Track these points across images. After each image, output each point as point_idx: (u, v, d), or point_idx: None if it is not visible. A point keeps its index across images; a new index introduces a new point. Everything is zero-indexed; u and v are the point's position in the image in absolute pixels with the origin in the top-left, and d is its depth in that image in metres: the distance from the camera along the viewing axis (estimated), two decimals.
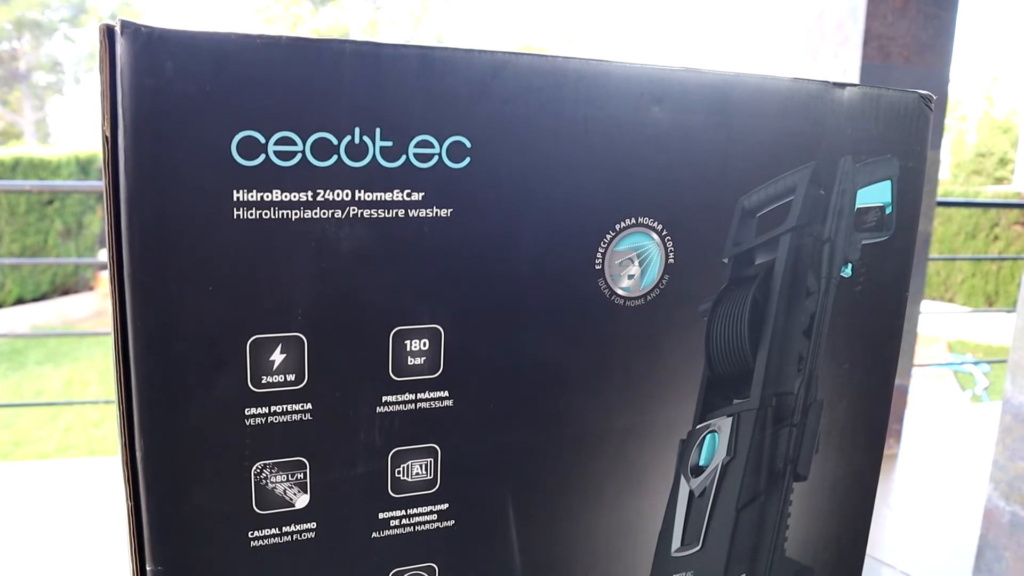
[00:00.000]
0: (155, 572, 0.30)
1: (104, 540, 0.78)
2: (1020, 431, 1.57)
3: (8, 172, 5.72)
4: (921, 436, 2.56)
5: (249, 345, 0.29)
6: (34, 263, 5.99)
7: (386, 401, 0.32)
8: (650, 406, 0.37)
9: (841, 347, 0.41)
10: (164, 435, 0.29)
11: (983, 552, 1.65)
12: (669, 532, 0.39)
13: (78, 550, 0.76)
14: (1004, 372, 1.59)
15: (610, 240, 0.34)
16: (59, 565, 0.72)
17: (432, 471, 0.33)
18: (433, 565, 0.34)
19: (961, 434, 2.64)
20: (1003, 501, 1.61)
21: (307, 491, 0.31)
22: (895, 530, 1.77)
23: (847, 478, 0.44)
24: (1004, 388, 1.61)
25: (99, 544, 0.77)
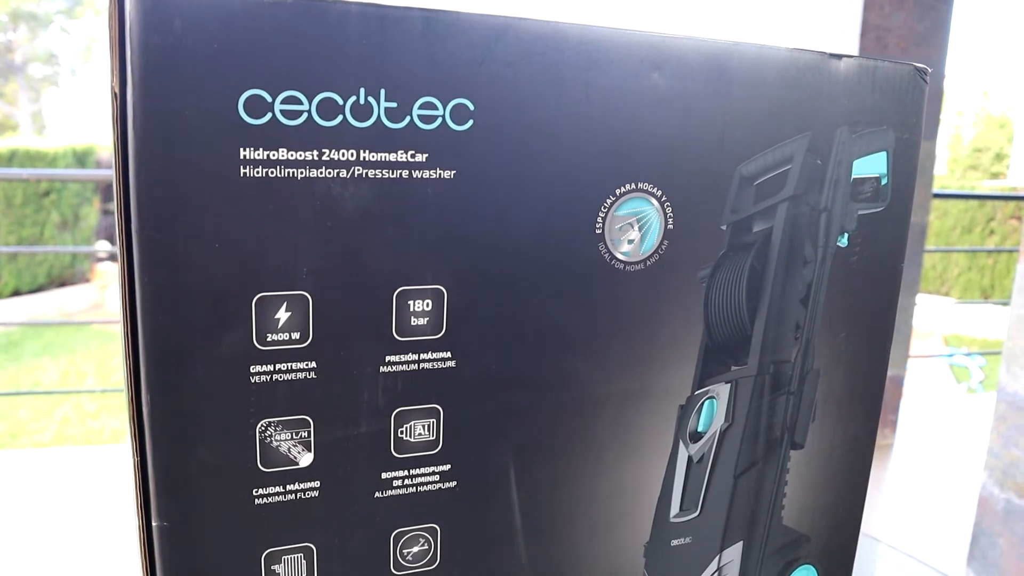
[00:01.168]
0: (160, 528, 0.30)
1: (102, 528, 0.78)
2: (1015, 419, 1.58)
3: (4, 164, 5.71)
4: (916, 426, 2.57)
5: (255, 303, 0.30)
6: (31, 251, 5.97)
7: (389, 361, 0.32)
8: (649, 371, 0.37)
9: (837, 317, 0.42)
10: (170, 391, 0.29)
11: (977, 539, 1.66)
12: (668, 497, 0.40)
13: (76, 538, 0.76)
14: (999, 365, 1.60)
15: (610, 205, 0.34)
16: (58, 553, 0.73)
17: (434, 432, 0.34)
18: (435, 526, 0.35)
19: (956, 424, 2.66)
20: (997, 488, 1.62)
21: (311, 450, 0.32)
22: (890, 519, 1.78)
23: (844, 447, 0.44)
24: (999, 376, 1.61)
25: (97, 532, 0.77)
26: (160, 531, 0.30)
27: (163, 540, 0.31)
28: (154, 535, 0.30)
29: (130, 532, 0.32)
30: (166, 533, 0.30)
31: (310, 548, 0.33)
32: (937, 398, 3.88)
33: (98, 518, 0.95)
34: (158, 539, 0.30)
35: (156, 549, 0.31)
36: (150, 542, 0.31)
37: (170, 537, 0.31)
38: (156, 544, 0.31)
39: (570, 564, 0.38)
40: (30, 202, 5.92)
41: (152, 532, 0.30)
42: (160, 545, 0.31)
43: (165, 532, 0.30)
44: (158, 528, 0.30)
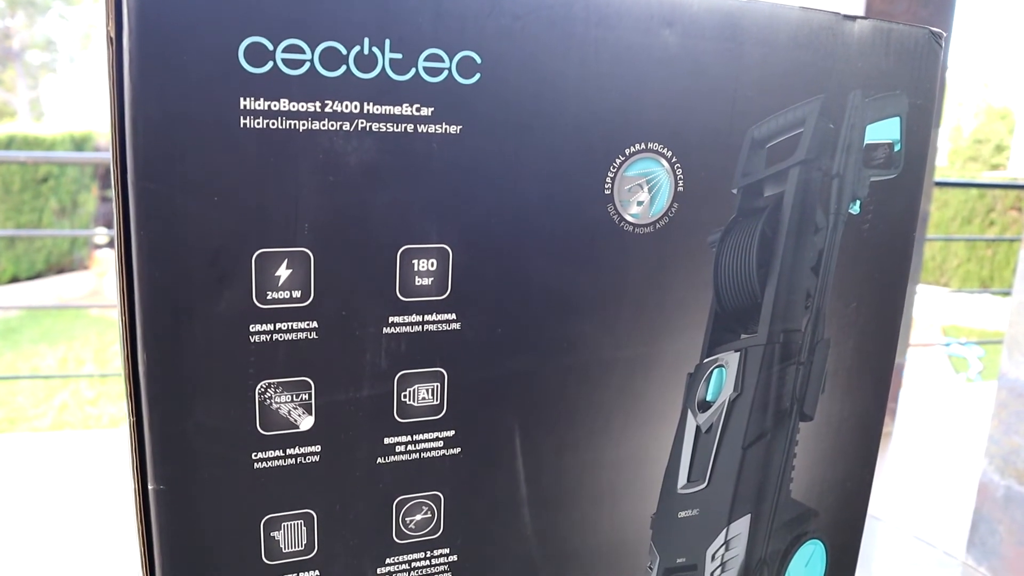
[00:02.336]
0: (157, 491, 0.30)
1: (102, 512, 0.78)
2: (1016, 406, 1.57)
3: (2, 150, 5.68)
4: (916, 414, 2.56)
5: (255, 259, 0.29)
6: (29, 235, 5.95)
7: (393, 322, 0.31)
8: (658, 337, 0.36)
9: (848, 286, 0.41)
10: (167, 349, 0.28)
11: (977, 526, 1.65)
12: (675, 468, 0.39)
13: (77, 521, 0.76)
14: (998, 356, 1.59)
15: (619, 165, 0.34)
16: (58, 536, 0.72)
17: (438, 396, 0.33)
18: (438, 494, 0.34)
19: (956, 413, 2.65)
20: (998, 475, 1.61)
21: (312, 413, 0.31)
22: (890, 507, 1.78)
23: (852, 420, 0.44)
24: (1000, 363, 1.61)
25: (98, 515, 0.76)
26: (157, 495, 0.30)
27: (160, 504, 0.30)
28: (150, 499, 0.30)
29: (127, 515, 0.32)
30: (163, 497, 0.30)
31: (310, 515, 0.32)
32: (936, 387, 3.87)
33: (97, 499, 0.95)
34: (155, 503, 0.30)
35: (153, 513, 0.30)
36: (146, 506, 0.30)
37: (167, 501, 0.30)
38: (153, 508, 0.30)
39: (576, 534, 0.37)
40: (28, 188, 5.90)
41: (148, 496, 0.30)
42: (157, 509, 0.30)
43: (162, 496, 0.30)
44: (154, 492, 0.30)
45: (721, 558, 0.42)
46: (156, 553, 0.30)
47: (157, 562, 0.30)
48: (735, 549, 0.42)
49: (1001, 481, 1.61)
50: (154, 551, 0.30)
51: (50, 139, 5.99)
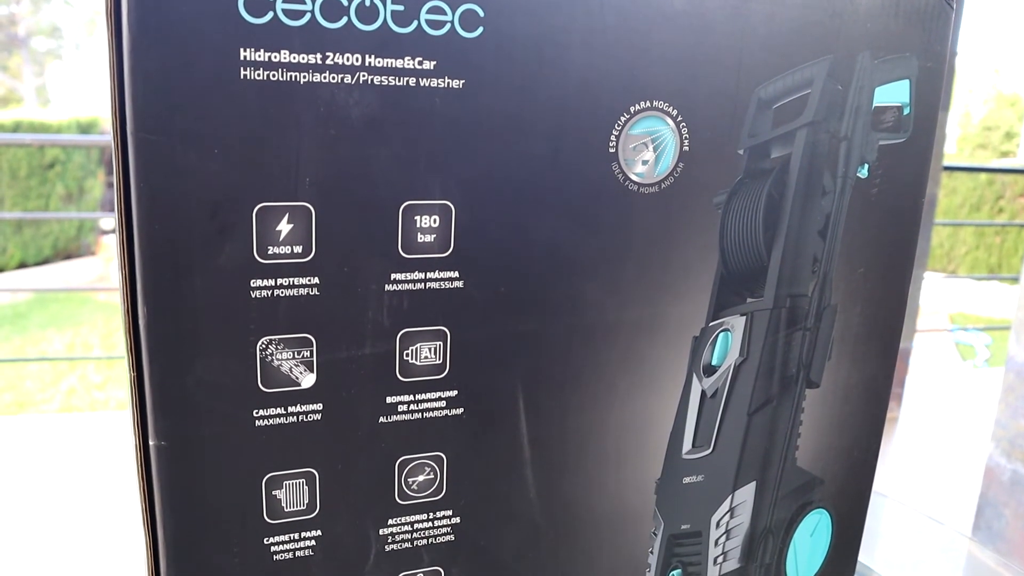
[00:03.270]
0: (158, 447, 0.29)
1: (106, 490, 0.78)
2: (1023, 389, 1.56)
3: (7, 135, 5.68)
4: (922, 400, 2.56)
5: (255, 213, 0.29)
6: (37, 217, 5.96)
7: (395, 279, 0.31)
8: (663, 299, 0.36)
9: (856, 251, 0.40)
10: (167, 303, 0.28)
11: (983, 510, 1.65)
12: (680, 433, 0.39)
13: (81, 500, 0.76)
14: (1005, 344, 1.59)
15: (624, 123, 0.33)
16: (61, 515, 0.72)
17: (441, 355, 0.33)
18: (441, 455, 0.34)
19: (962, 398, 2.64)
20: (1004, 459, 1.61)
21: (313, 370, 0.31)
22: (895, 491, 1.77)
23: (859, 387, 0.43)
24: (1008, 347, 1.60)
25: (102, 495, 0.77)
26: (158, 451, 0.29)
27: (161, 460, 0.30)
28: (151, 455, 0.29)
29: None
30: (164, 453, 0.30)
31: (312, 473, 0.32)
32: (943, 374, 3.86)
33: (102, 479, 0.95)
34: (156, 459, 0.30)
35: (154, 469, 0.30)
36: (147, 462, 0.30)
37: (168, 457, 0.30)
38: (154, 464, 0.30)
39: (580, 499, 0.37)
40: (35, 174, 5.90)
41: (149, 452, 0.30)
42: (158, 465, 0.30)
43: (163, 452, 0.30)
44: (155, 447, 0.29)
45: (726, 525, 0.41)
46: (158, 510, 0.30)
47: (159, 519, 0.30)
48: (740, 517, 0.42)
49: (1008, 465, 1.61)
50: (155, 508, 0.30)
51: (56, 125, 5.99)
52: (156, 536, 0.31)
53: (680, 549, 0.41)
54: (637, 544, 0.39)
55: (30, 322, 5.06)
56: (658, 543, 0.40)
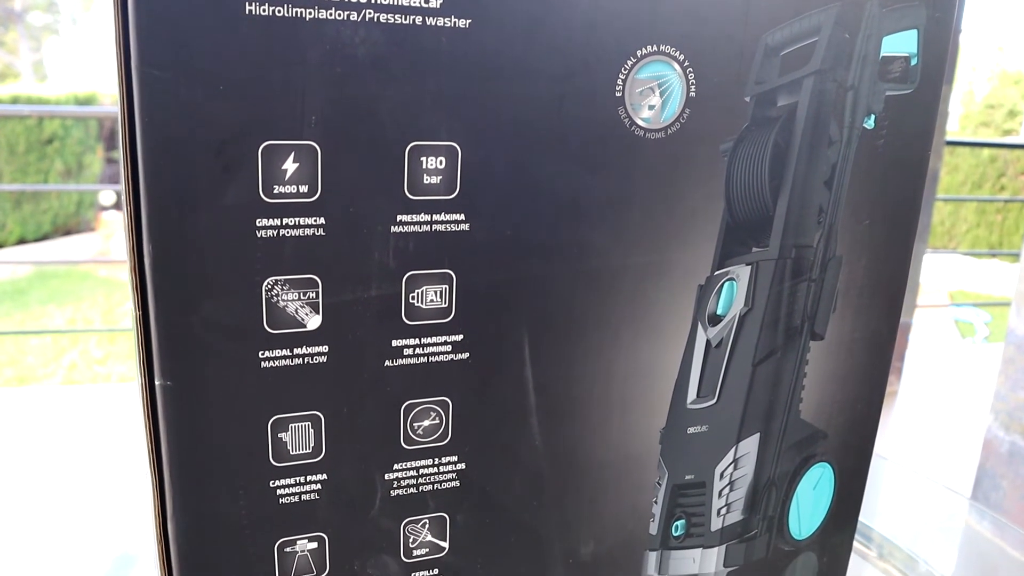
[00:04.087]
0: (164, 387, 0.29)
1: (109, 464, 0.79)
2: (1023, 361, 1.57)
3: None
4: (922, 375, 2.57)
5: (261, 151, 0.28)
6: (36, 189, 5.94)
7: (401, 220, 0.31)
8: (668, 246, 0.36)
9: (861, 203, 0.40)
10: (173, 241, 0.28)
11: (981, 481, 1.66)
12: (685, 382, 0.39)
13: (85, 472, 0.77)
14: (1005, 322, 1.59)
15: (631, 67, 0.33)
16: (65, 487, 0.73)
17: (447, 299, 0.32)
18: (446, 400, 0.34)
19: (962, 374, 2.65)
20: (1003, 431, 1.61)
21: (319, 312, 0.31)
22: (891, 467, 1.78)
23: (863, 341, 0.43)
24: (1008, 320, 1.60)
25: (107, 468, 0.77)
26: (164, 390, 0.29)
27: (167, 400, 0.30)
28: (157, 395, 0.30)
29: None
30: (169, 393, 0.30)
31: (318, 417, 0.32)
32: (943, 350, 3.87)
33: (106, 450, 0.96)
34: (161, 399, 0.30)
35: (160, 410, 0.30)
36: (153, 402, 0.30)
37: (173, 397, 0.30)
38: (160, 404, 0.30)
39: (584, 447, 0.37)
40: (33, 150, 5.88)
41: (155, 392, 0.30)
42: (164, 405, 0.30)
43: (168, 392, 0.30)
44: (161, 387, 0.29)
45: (729, 477, 0.42)
46: (164, 452, 0.30)
47: (165, 461, 0.30)
48: (744, 468, 0.42)
49: (1006, 437, 1.61)
50: (161, 450, 0.30)
51: (54, 99, 5.96)
52: (163, 479, 0.31)
53: (684, 500, 0.41)
54: (641, 494, 0.40)
55: (30, 298, 5.06)
56: (662, 493, 0.40)
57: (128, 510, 0.67)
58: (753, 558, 0.44)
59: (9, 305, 4.86)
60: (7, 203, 5.98)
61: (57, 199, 6.15)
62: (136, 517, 0.65)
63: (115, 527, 0.65)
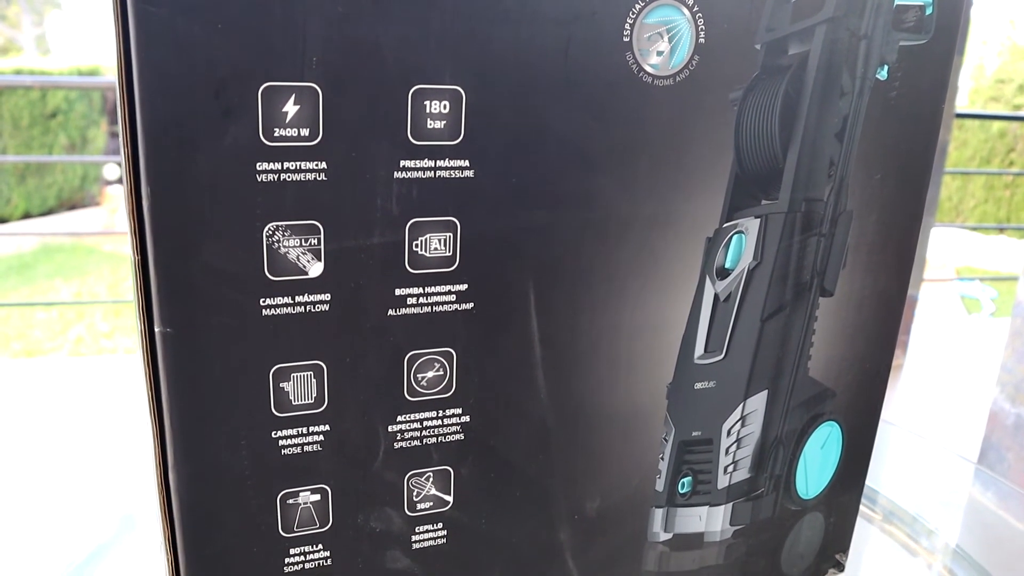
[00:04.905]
0: (164, 334, 0.29)
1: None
2: None
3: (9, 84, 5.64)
4: (928, 348, 2.56)
5: (261, 92, 0.28)
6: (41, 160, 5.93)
7: (404, 166, 0.30)
8: (676, 197, 0.35)
9: (873, 156, 0.40)
10: (171, 184, 0.28)
11: (986, 453, 1.66)
12: (693, 336, 0.38)
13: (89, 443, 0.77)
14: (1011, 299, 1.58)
15: (639, 11, 0.32)
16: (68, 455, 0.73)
17: (451, 247, 0.32)
18: (451, 351, 0.33)
19: (968, 347, 2.64)
20: (1009, 403, 1.61)
21: (321, 259, 0.30)
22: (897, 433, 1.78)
23: (873, 298, 0.43)
24: (1016, 293, 1.59)
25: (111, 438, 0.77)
26: (164, 337, 0.29)
27: (167, 347, 0.29)
28: (157, 342, 0.29)
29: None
30: (169, 340, 0.29)
31: (320, 366, 0.32)
32: (948, 324, 3.86)
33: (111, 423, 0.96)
34: (162, 346, 0.29)
35: (160, 357, 0.29)
36: (153, 350, 0.29)
37: (173, 344, 0.29)
38: (160, 352, 0.29)
39: (590, 401, 0.37)
40: (37, 124, 5.86)
41: (155, 339, 0.29)
42: (164, 353, 0.29)
43: (168, 339, 0.29)
44: (161, 334, 0.29)
45: (737, 434, 0.41)
46: (164, 401, 0.30)
47: (166, 410, 0.30)
48: (751, 425, 0.42)
49: (1012, 409, 1.61)
50: (162, 399, 0.30)
51: (57, 73, 5.93)
52: (163, 428, 0.30)
53: (691, 456, 0.40)
54: (648, 450, 0.39)
55: (36, 272, 5.06)
56: (668, 449, 0.40)
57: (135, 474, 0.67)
58: (760, 517, 0.44)
59: (15, 279, 4.87)
60: (12, 177, 5.98)
61: (62, 173, 6.14)
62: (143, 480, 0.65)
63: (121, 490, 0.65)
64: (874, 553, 0.60)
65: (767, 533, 0.45)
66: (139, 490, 0.63)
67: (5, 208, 5.94)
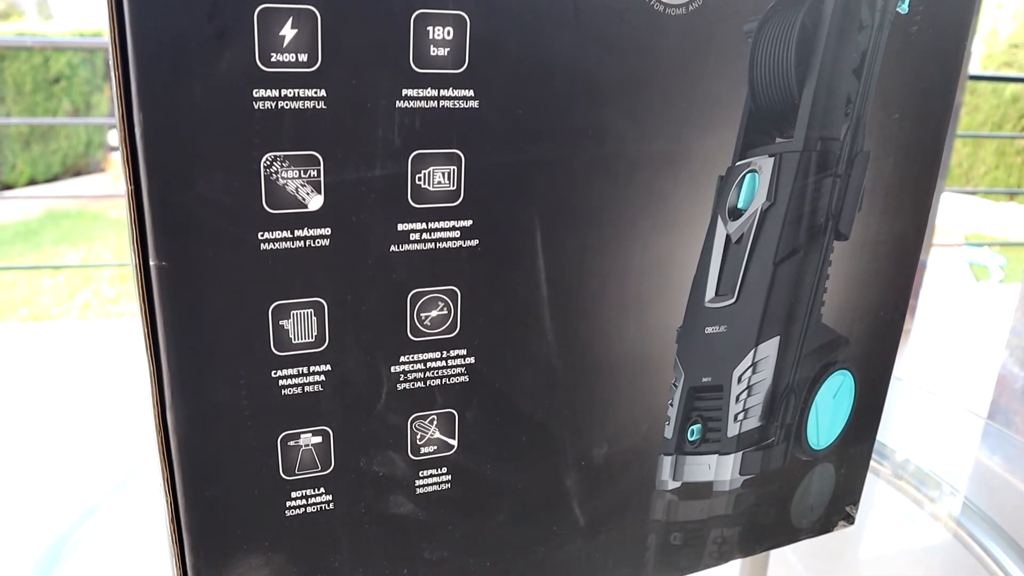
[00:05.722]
0: (159, 268, 0.28)
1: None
2: None
3: (11, 48, 5.60)
4: (936, 313, 2.55)
5: (257, 15, 0.26)
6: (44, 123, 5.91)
7: (406, 95, 0.29)
8: (687, 133, 0.34)
9: (892, 94, 0.38)
10: (165, 111, 0.26)
11: (993, 416, 1.65)
12: (704, 279, 0.37)
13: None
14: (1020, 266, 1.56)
15: None
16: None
17: (455, 181, 0.31)
18: (455, 289, 0.33)
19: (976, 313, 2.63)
20: (1018, 367, 1.60)
21: (321, 191, 0.29)
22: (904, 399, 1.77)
23: (889, 243, 0.42)
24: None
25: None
26: (159, 271, 0.28)
27: (162, 281, 0.28)
28: (152, 276, 0.28)
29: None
30: (165, 274, 0.28)
31: (321, 304, 0.31)
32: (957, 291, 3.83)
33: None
34: (157, 280, 0.28)
35: (155, 291, 0.28)
36: (148, 284, 0.28)
37: (169, 279, 0.28)
38: (155, 286, 0.28)
39: (598, 344, 0.36)
40: (40, 89, 5.83)
41: (150, 273, 0.28)
42: (159, 287, 0.28)
43: (164, 273, 0.28)
44: (156, 268, 0.28)
45: (748, 381, 0.40)
46: (161, 338, 0.29)
47: (162, 346, 0.29)
48: (762, 372, 0.41)
49: (1020, 373, 1.60)
50: (158, 336, 0.29)
51: (59, 36, 5.89)
52: (160, 366, 0.30)
53: (700, 403, 0.40)
54: (657, 395, 0.38)
55: (42, 238, 5.07)
56: (678, 395, 0.39)
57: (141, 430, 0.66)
58: (770, 467, 0.43)
59: (22, 245, 4.87)
60: (16, 144, 5.96)
61: (66, 139, 6.12)
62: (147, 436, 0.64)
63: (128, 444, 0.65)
64: (882, 506, 0.59)
65: (777, 483, 0.44)
66: (145, 445, 0.63)
67: (10, 174, 5.93)
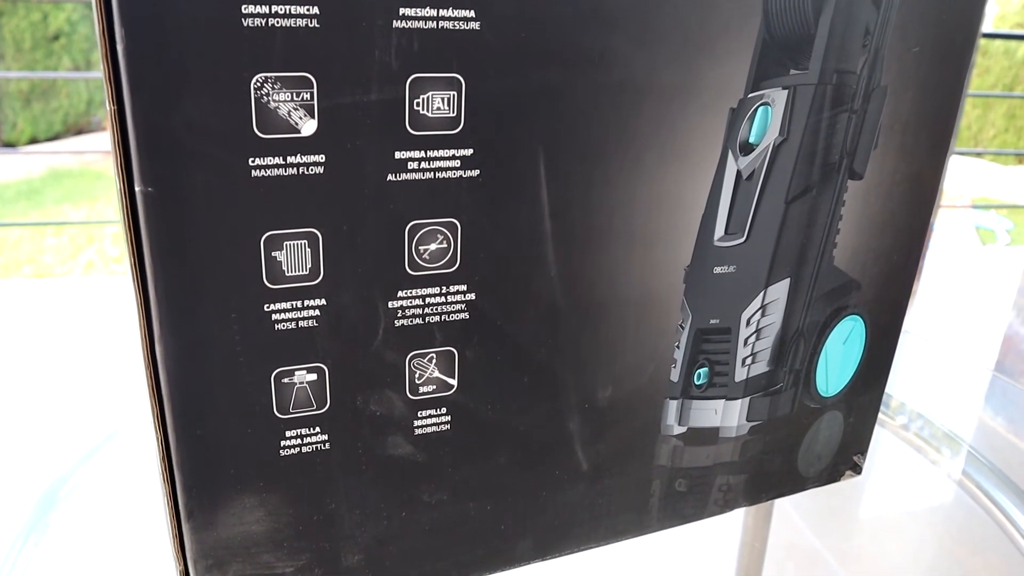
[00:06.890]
0: (145, 193, 0.27)
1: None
2: None
3: (9, 5, 5.54)
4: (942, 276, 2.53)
5: None
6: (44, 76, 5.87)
7: (404, 14, 0.28)
8: (698, 62, 0.33)
9: (912, 26, 0.37)
10: (148, 26, 0.25)
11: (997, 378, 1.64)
12: (713, 216, 0.36)
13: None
14: None
15: None
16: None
17: (455, 108, 0.29)
18: (455, 222, 0.31)
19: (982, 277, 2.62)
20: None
21: (314, 116, 0.28)
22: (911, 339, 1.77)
23: (905, 184, 0.40)
24: None
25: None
26: (145, 197, 0.27)
27: (148, 208, 0.27)
28: (138, 202, 0.27)
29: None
30: (151, 200, 0.27)
31: (315, 235, 0.29)
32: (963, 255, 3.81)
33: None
34: (143, 206, 0.27)
35: (141, 219, 0.27)
36: (134, 211, 0.27)
37: (156, 205, 0.27)
38: (141, 214, 0.27)
39: (603, 281, 0.35)
40: (39, 47, 5.77)
41: (135, 199, 0.27)
42: (145, 214, 0.27)
43: (150, 199, 0.27)
44: (142, 194, 0.27)
45: (756, 323, 0.39)
46: (148, 268, 0.28)
47: (149, 277, 0.28)
48: (772, 315, 0.39)
49: None
50: (145, 267, 0.28)
51: None
52: (148, 300, 0.29)
53: (708, 346, 0.39)
54: (663, 337, 0.37)
55: (45, 197, 5.05)
56: (685, 337, 0.38)
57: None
58: (777, 413, 0.43)
59: (24, 204, 4.86)
60: (17, 102, 5.91)
61: (67, 98, 6.07)
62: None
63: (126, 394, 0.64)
64: (889, 455, 0.59)
65: (784, 431, 0.43)
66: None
67: (11, 133, 5.90)
